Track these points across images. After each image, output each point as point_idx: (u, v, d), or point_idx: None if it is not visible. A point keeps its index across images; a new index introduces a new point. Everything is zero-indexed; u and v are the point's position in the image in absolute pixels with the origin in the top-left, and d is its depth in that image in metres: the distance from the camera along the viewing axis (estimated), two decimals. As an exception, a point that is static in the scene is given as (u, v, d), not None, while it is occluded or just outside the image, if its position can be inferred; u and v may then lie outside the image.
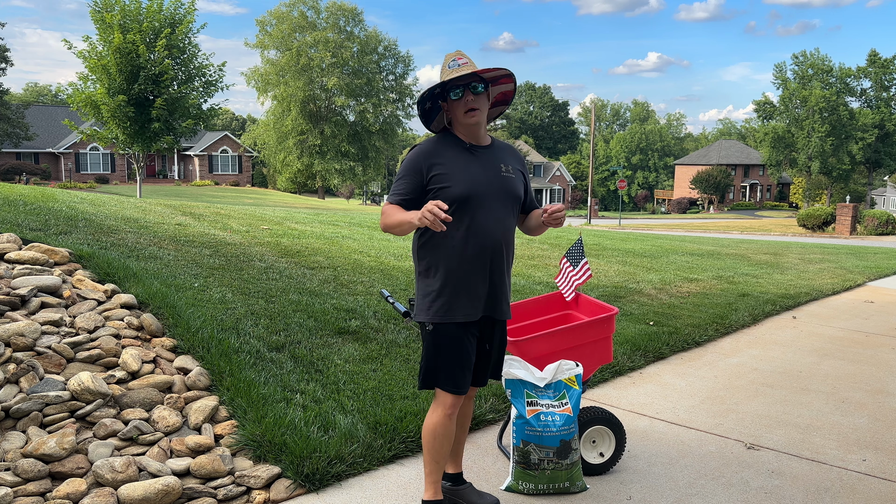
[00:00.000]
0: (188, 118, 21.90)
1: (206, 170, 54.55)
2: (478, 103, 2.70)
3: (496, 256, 2.77)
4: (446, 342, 2.74)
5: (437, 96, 2.79)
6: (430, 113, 2.84)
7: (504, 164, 2.83)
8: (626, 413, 4.23)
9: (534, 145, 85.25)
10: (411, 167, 2.73)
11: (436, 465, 2.85)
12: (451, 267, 2.72)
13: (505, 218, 2.79)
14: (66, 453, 3.00)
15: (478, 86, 2.69)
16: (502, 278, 2.83)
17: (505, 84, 2.87)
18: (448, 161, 2.73)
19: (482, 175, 2.75)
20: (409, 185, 2.72)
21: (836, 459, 3.64)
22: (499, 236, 2.76)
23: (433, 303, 2.75)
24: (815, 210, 28.01)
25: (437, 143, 2.78)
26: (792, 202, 68.46)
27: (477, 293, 2.75)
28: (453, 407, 2.78)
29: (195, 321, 4.33)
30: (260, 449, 3.25)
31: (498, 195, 2.77)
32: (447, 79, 2.66)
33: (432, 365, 2.77)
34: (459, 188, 2.69)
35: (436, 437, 2.80)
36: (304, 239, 8.62)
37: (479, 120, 2.73)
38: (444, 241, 2.73)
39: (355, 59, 50.51)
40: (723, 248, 14.02)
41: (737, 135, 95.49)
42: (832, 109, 56.34)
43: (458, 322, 2.73)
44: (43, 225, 6.13)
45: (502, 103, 2.97)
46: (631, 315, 6.48)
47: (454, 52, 2.73)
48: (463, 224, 2.71)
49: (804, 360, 5.60)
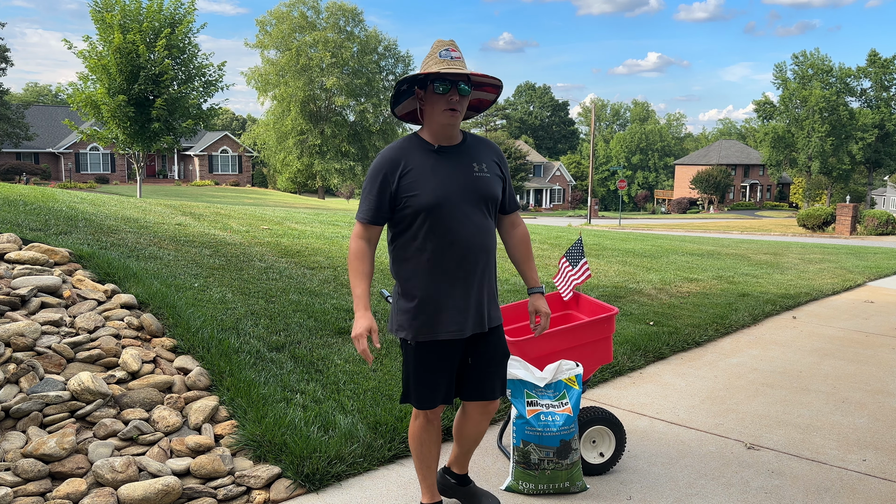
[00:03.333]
0: (188, 118, 21.91)
1: (206, 170, 54.55)
2: (460, 105, 2.51)
3: (480, 264, 2.60)
4: (425, 360, 2.62)
5: (417, 81, 2.54)
6: (401, 95, 2.58)
7: (477, 163, 2.61)
8: (626, 413, 4.23)
9: (534, 145, 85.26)
10: (376, 178, 2.54)
11: (427, 470, 2.84)
12: (428, 282, 2.55)
13: (481, 222, 2.59)
14: (66, 453, 3.00)
15: (466, 87, 2.50)
16: (490, 286, 2.67)
17: (487, 93, 2.68)
18: (415, 168, 2.52)
19: (452, 179, 2.54)
20: (376, 201, 2.55)
21: (836, 459, 3.64)
22: (476, 243, 2.57)
23: (413, 320, 2.59)
24: (815, 210, 28.00)
25: (400, 150, 2.56)
26: (792, 202, 68.45)
27: (459, 308, 2.58)
28: (432, 413, 2.74)
29: (195, 321, 4.33)
30: (260, 449, 3.25)
31: (471, 198, 2.56)
32: (441, 70, 2.43)
33: (409, 381, 2.68)
34: (428, 196, 2.49)
35: (422, 443, 2.78)
36: (304, 239, 8.62)
37: (456, 122, 2.54)
38: (419, 255, 2.55)
39: (355, 59, 50.49)
40: (723, 248, 14.02)
41: (737, 135, 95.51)
42: (832, 109, 56.32)
43: (441, 340, 2.59)
44: (43, 225, 6.13)
45: (475, 109, 2.76)
46: (631, 315, 6.48)
47: (447, 41, 2.53)
48: (436, 234, 2.52)
49: (804, 360, 5.60)
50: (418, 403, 2.69)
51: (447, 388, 2.69)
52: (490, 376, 2.75)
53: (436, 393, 2.67)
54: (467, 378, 2.76)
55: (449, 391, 2.71)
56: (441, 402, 2.71)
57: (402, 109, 2.66)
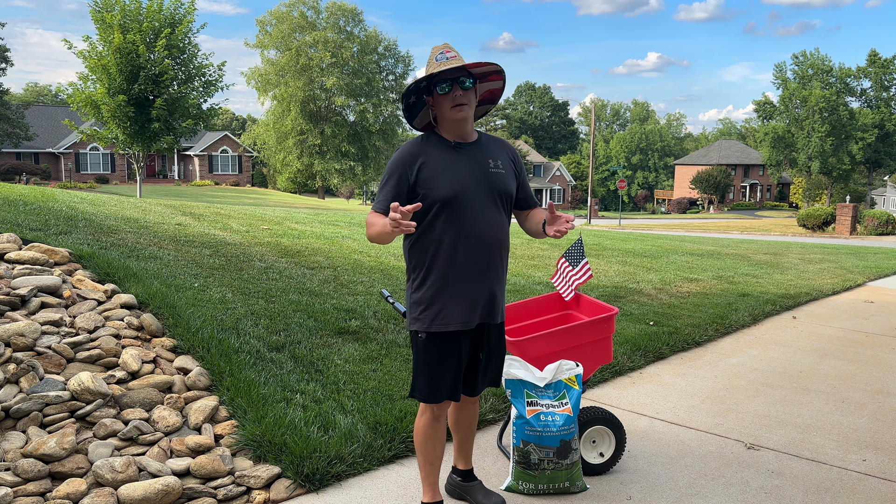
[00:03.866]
0: (188, 118, 21.91)
1: (206, 170, 54.55)
2: (466, 98, 2.58)
3: (489, 259, 2.67)
4: (435, 352, 2.67)
5: (422, 90, 2.65)
6: (413, 108, 2.70)
7: (492, 160, 2.71)
8: (626, 413, 4.23)
9: (534, 145, 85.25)
10: (394, 172, 2.62)
11: (431, 468, 2.85)
12: (441, 273, 2.63)
13: (496, 217, 2.67)
14: (66, 453, 3.00)
15: (466, 80, 2.57)
16: (497, 282, 2.73)
17: (493, 81, 2.74)
18: (432, 161, 2.61)
19: (468, 174, 2.63)
20: (392, 192, 2.61)
21: (836, 459, 3.64)
22: (491, 237, 2.65)
23: (425, 311, 2.65)
24: (815, 210, 28.00)
25: (419, 145, 2.66)
26: (792, 202, 68.45)
27: (471, 299, 2.65)
28: (439, 409, 2.76)
29: (195, 321, 4.33)
30: (260, 449, 3.25)
31: (486, 193, 2.65)
32: (435, 71, 2.52)
33: (418, 374, 2.73)
34: (444, 189, 2.58)
35: (427, 439, 2.79)
36: (304, 239, 8.62)
37: (467, 115, 2.61)
38: (434, 246, 2.62)
39: (355, 59, 50.48)
40: (723, 248, 14.02)
41: (737, 135, 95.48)
42: (832, 109, 56.33)
43: (451, 331, 2.65)
44: (43, 225, 6.13)
45: (489, 102, 2.83)
46: (631, 315, 6.47)
47: (441, 45, 2.61)
48: (452, 227, 2.60)
49: (804, 360, 5.60)
50: (424, 397, 2.72)
51: (453, 382, 2.72)
52: (486, 373, 2.87)
53: (441, 387, 2.70)
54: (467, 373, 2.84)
55: (455, 387, 2.74)
56: (447, 398, 2.73)
57: (419, 122, 2.77)
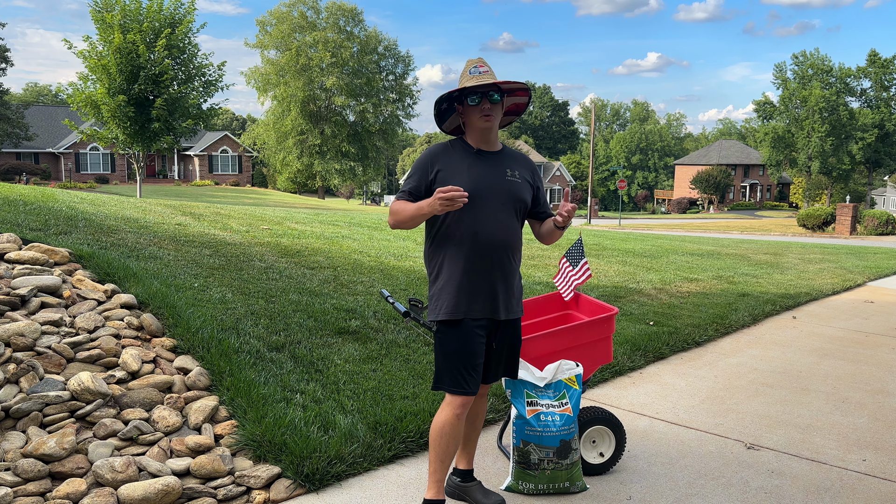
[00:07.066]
0: (188, 118, 21.89)
1: (206, 170, 54.54)
2: (493, 110, 2.82)
3: (499, 257, 2.83)
4: (452, 341, 2.79)
5: (454, 99, 2.92)
6: (444, 113, 2.97)
7: (510, 169, 2.91)
8: (626, 413, 4.23)
9: (534, 145, 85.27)
10: (419, 166, 2.86)
11: (441, 465, 2.85)
12: (455, 266, 2.81)
13: (508, 220, 2.85)
14: (66, 453, 3.00)
15: (494, 94, 2.82)
16: (507, 279, 2.87)
17: (520, 96, 3.00)
18: (454, 162, 2.85)
19: (485, 178, 2.83)
20: (415, 183, 2.85)
21: (836, 459, 3.64)
22: (501, 237, 2.82)
23: (438, 301, 2.83)
24: (815, 210, 28.00)
25: (446, 147, 2.91)
26: (792, 202, 68.45)
27: (481, 292, 2.81)
28: (462, 407, 2.79)
29: (195, 321, 4.33)
30: (260, 449, 3.25)
31: (501, 197, 2.84)
32: (468, 85, 2.77)
33: (440, 365, 2.82)
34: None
35: (443, 435, 2.81)
36: (304, 239, 8.62)
37: (493, 125, 2.84)
38: (449, 241, 2.83)
39: (355, 59, 50.46)
40: (723, 248, 14.02)
41: (737, 135, 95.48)
42: (832, 109, 56.34)
43: (462, 319, 2.79)
44: (43, 225, 6.13)
45: (514, 113, 3.09)
46: (631, 315, 6.47)
47: (476, 59, 2.88)
48: (465, 225, 2.79)
49: (804, 360, 5.60)
50: (458, 386, 2.77)
51: (474, 373, 2.79)
52: (496, 362, 2.96)
53: (461, 375, 2.77)
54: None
55: (475, 378, 2.80)
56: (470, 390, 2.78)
57: (448, 126, 3.03)
